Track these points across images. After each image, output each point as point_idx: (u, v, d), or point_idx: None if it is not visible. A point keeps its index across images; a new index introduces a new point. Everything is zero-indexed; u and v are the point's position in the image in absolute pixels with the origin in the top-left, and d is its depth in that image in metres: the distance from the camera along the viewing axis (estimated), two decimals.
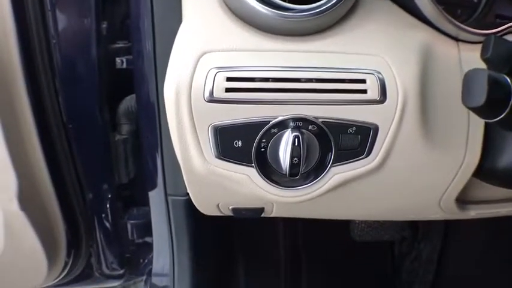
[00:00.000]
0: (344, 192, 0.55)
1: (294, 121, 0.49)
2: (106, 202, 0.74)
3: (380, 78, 0.49)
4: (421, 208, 0.63)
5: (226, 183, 0.53)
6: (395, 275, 1.22)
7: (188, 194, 0.60)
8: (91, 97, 0.67)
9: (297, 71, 0.48)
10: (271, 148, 0.50)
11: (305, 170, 0.51)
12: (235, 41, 0.49)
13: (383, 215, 0.74)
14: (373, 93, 0.49)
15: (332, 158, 0.51)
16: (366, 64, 0.49)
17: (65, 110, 0.66)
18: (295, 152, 0.49)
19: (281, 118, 0.49)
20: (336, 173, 0.52)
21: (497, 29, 0.54)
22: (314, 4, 0.48)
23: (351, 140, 0.51)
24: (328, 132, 0.50)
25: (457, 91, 0.47)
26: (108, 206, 0.74)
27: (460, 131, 0.53)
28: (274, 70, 0.48)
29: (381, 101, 0.49)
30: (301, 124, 0.50)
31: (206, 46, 0.49)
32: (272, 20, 0.48)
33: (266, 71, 0.48)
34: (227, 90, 0.48)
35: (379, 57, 0.50)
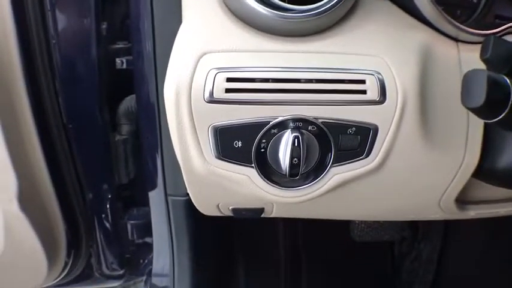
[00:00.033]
0: (344, 192, 0.55)
1: (294, 121, 0.49)
2: (106, 202, 0.74)
3: (379, 78, 0.49)
4: (421, 208, 0.63)
5: (226, 183, 0.53)
6: (395, 275, 1.22)
7: (188, 195, 0.60)
8: (91, 97, 0.67)
9: (297, 72, 0.49)
10: (271, 148, 0.50)
11: (305, 171, 0.51)
12: (235, 42, 0.49)
13: (383, 215, 0.74)
14: (372, 93, 0.49)
15: (332, 159, 0.51)
16: (366, 65, 0.49)
17: (65, 111, 0.66)
18: (295, 153, 0.49)
19: (281, 119, 0.49)
20: (336, 174, 0.53)
21: (496, 30, 0.54)
22: (314, 5, 0.48)
23: (351, 141, 0.51)
24: (327, 132, 0.50)
25: (457, 92, 0.47)
26: (108, 206, 0.74)
27: (460, 132, 0.53)
28: (274, 71, 0.49)
29: (381, 102, 0.49)
30: (301, 124, 0.50)
31: (206, 47, 0.49)
32: (272, 21, 0.48)
33: (266, 72, 0.48)
34: (227, 90, 0.48)
35: (378, 57, 0.50)
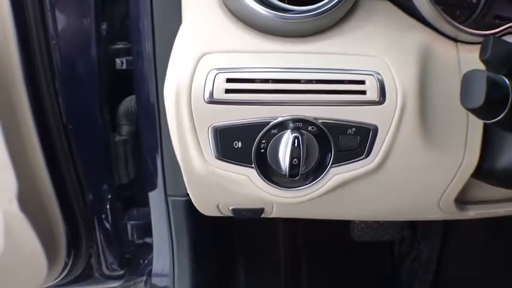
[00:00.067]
0: (343, 192, 0.55)
1: (294, 122, 0.49)
2: (106, 203, 0.74)
3: (379, 79, 0.49)
4: (421, 208, 0.63)
5: (226, 183, 0.53)
6: (395, 275, 1.22)
7: (188, 195, 0.60)
8: (91, 98, 0.67)
9: (297, 72, 0.49)
10: (271, 149, 0.50)
11: (305, 171, 0.51)
12: (235, 42, 0.49)
13: (382, 216, 0.74)
14: (372, 94, 0.49)
15: (331, 159, 0.51)
16: (365, 65, 0.49)
17: (65, 111, 0.66)
18: (294, 153, 0.49)
19: (281, 119, 0.49)
20: (336, 174, 0.53)
21: (496, 30, 0.54)
22: (313, 5, 0.48)
23: (351, 141, 0.51)
24: (327, 133, 0.50)
25: (456, 92, 0.47)
26: (108, 207, 0.74)
27: (459, 132, 0.53)
28: (274, 71, 0.49)
29: (380, 102, 0.49)
30: (300, 125, 0.50)
31: (206, 47, 0.49)
32: (272, 22, 0.48)
33: (266, 72, 0.48)
34: (227, 91, 0.48)
35: (378, 58, 0.50)
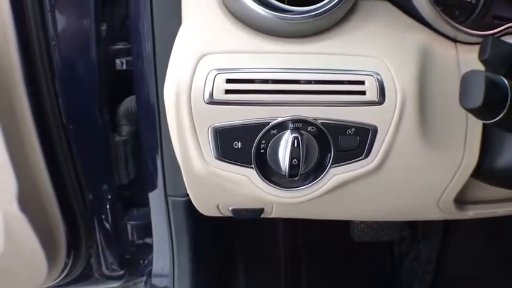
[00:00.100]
0: (343, 193, 0.55)
1: (294, 122, 0.50)
2: (106, 203, 0.74)
3: (379, 79, 0.49)
4: (420, 208, 0.63)
5: (226, 184, 0.54)
6: (394, 275, 1.22)
7: (188, 195, 0.60)
8: (91, 98, 0.67)
9: (296, 73, 0.49)
10: (270, 149, 0.50)
11: (304, 171, 0.51)
12: (234, 43, 0.49)
13: (382, 216, 0.74)
14: (371, 94, 0.49)
15: (331, 159, 0.52)
16: (365, 66, 0.49)
17: (65, 112, 0.66)
18: (294, 153, 0.49)
19: (280, 119, 0.49)
20: (335, 174, 0.53)
21: (495, 30, 0.54)
22: (313, 6, 0.48)
23: (350, 141, 0.51)
24: (327, 133, 0.50)
25: (455, 92, 0.47)
26: (108, 207, 0.74)
27: (458, 132, 0.54)
28: (273, 72, 0.49)
29: (380, 102, 0.49)
30: (300, 125, 0.50)
31: (206, 48, 0.49)
32: (271, 22, 0.48)
33: (266, 73, 0.49)
34: (227, 91, 0.48)
35: (377, 58, 0.50)
